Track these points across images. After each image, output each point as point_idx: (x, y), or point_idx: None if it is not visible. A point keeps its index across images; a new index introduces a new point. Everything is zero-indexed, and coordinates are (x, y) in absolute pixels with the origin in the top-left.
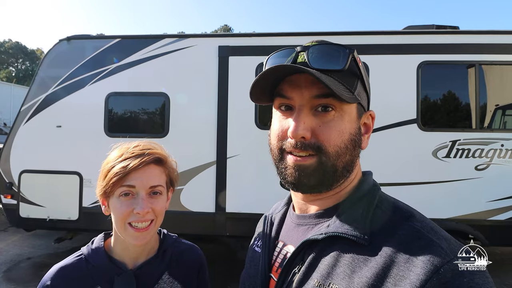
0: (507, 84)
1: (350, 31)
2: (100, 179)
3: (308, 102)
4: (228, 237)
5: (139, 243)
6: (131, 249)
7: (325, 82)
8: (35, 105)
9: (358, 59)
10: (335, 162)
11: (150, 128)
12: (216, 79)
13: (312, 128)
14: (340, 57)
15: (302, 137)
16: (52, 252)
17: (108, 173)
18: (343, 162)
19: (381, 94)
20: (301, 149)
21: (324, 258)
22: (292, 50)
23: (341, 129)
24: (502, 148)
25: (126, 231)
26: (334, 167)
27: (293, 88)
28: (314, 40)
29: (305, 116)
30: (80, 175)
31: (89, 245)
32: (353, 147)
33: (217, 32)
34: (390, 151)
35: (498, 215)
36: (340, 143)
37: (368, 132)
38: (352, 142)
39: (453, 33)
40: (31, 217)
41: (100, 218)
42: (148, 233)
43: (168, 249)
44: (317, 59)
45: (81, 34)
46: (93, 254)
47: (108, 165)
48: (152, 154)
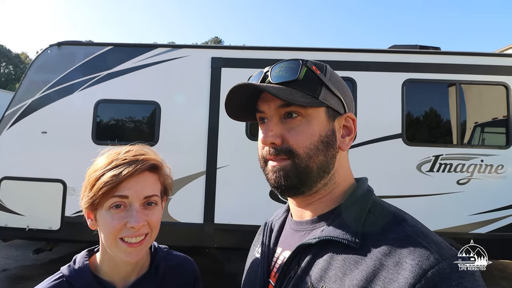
0: (485, 103)
1: (339, 48)
2: (85, 189)
3: (275, 112)
4: (216, 249)
5: (133, 259)
6: (121, 267)
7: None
8: (20, 110)
9: (314, 68)
10: (307, 162)
11: (139, 136)
12: (208, 89)
13: (281, 134)
14: (293, 69)
15: (273, 143)
16: (30, 264)
17: (96, 182)
18: (316, 163)
19: (368, 109)
20: (275, 154)
21: (318, 262)
22: (261, 71)
23: (309, 132)
24: (482, 163)
25: (118, 247)
26: (307, 167)
27: (263, 103)
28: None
29: (273, 125)
30: (64, 183)
31: (71, 265)
32: (325, 148)
33: (207, 44)
34: (376, 164)
35: (479, 229)
36: (309, 145)
37: (350, 134)
38: (323, 143)
39: (435, 54)
40: (9, 226)
41: (83, 229)
42: (142, 248)
43: (161, 263)
44: (276, 75)
45: (72, 40)
46: (77, 275)
47: (96, 173)
48: (146, 160)
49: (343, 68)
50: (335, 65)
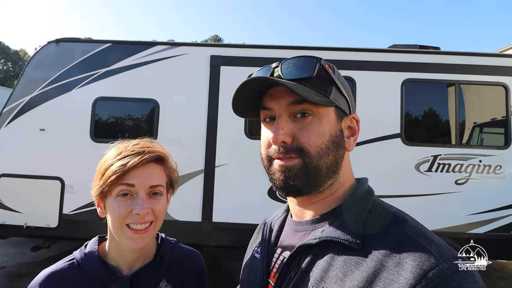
0: (484, 103)
1: (338, 47)
2: (96, 178)
3: (286, 110)
4: (214, 247)
5: (138, 246)
6: (127, 253)
7: (292, 88)
8: (19, 107)
9: (327, 66)
10: (318, 162)
11: (138, 134)
12: (207, 87)
13: (292, 133)
14: (307, 66)
15: (283, 142)
16: (28, 262)
17: (105, 171)
18: (326, 162)
19: (367, 109)
20: (284, 153)
21: (318, 262)
22: (269, 67)
23: (321, 131)
24: (480, 163)
25: (124, 233)
26: (317, 167)
27: (272, 100)
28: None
29: (284, 123)
30: (62, 180)
31: (82, 249)
32: (335, 147)
33: (207, 42)
34: (374, 164)
35: (477, 229)
36: (320, 144)
37: (354, 134)
38: (333, 143)
39: (434, 53)
40: (7, 224)
41: (81, 226)
42: (147, 235)
43: (166, 254)
44: (289, 71)
45: (71, 37)
46: (86, 259)
47: (106, 163)
48: (152, 152)
49: (343, 67)
50: (335, 64)
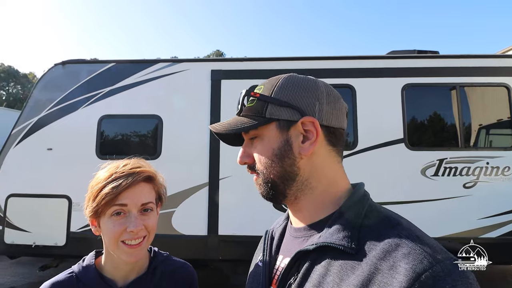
0: (488, 104)
1: (337, 56)
2: (89, 200)
3: (246, 137)
4: (221, 261)
5: (133, 259)
6: (122, 266)
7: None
8: (27, 128)
9: (252, 93)
10: (268, 175)
11: (142, 150)
12: (208, 101)
13: (249, 154)
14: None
15: (245, 162)
16: (36, 281)
17: (98, 193)
18: (275, 174)
19: (369, 115)
20: (250, 171)
21: (316, 268)
22: None
23: (264, 149)
24: (487, 166)
25: (120, 249)
26: (268, 178)
27: None
28: None
29: (244, 147)
30: (69, 198)
31: (80, 263)
32: (279, 159)
33: (210, 57)
34: (379, 170)
35: (489, 233)
36: (265, 160)
37: (310, 138)
38: (276, 156)
39: (433, 57)
40: (16, 243)
41: (89, 243)
42: (141, 249)
43: (159, 266)
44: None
45: (76, 58)
46: (84, 272)
47: (98, 185)
48: (142, 172)
49: (342, 75)
50: (334, 73)
